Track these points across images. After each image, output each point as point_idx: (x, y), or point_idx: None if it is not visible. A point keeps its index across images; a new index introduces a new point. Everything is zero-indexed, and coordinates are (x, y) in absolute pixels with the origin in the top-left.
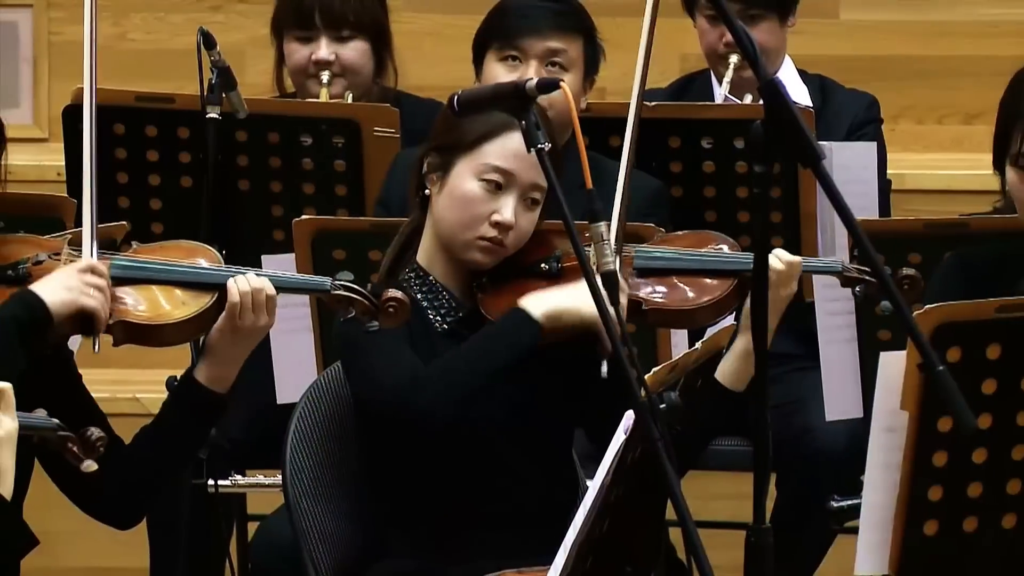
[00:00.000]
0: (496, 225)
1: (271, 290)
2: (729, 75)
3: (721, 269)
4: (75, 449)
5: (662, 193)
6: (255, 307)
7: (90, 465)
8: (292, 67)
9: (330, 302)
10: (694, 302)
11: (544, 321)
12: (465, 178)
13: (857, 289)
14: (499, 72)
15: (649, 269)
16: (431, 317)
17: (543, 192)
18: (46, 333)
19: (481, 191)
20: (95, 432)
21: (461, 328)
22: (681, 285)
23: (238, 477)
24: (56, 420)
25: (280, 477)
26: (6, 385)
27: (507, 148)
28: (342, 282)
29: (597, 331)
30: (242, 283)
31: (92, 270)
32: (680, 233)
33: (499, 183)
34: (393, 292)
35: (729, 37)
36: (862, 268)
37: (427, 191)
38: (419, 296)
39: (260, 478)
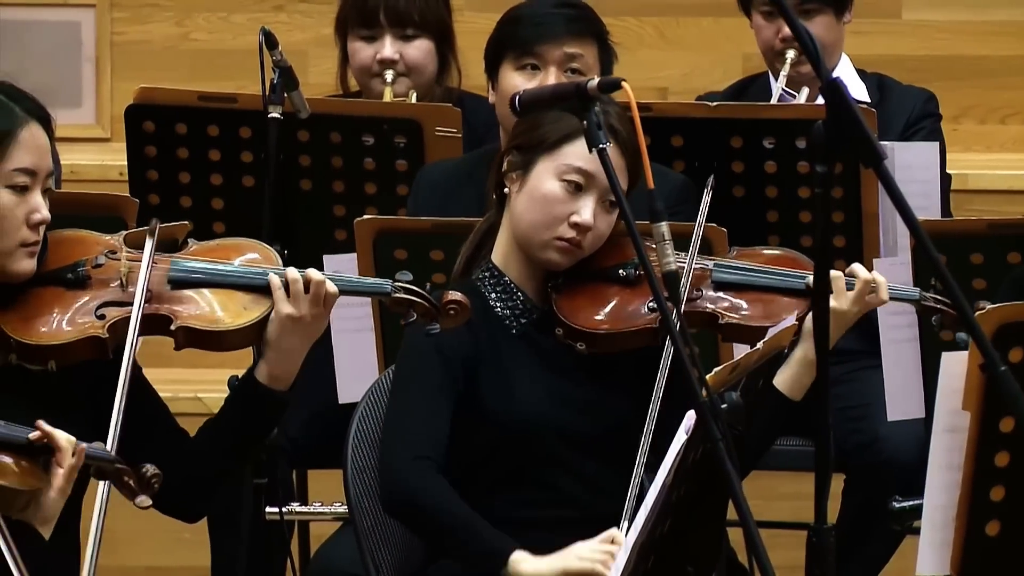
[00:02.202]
0: (575, 226)
1: (332, 288)
2: (786, 70)
3: (797, 288)
4: (131, 483)
5: (688, 187)
6: (314, 298)
7: (144, 501)
8: (356, 66)
9: (391, 305)
10: (770, 320)
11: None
12: (546, 178)
13: (934, 319)
14: (517, 81)
15: (726, 283)
16: (504, 318)
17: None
18: None
19: (561, 191)
20: (151, 469)
21: (534, 330)
22: (758, 302)
23: (295, 505)
24: (115, 454)
25: (335, 506)
26: (81, 445)
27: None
28: (402, 284)
29: None
30: (306, 272)
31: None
32: (760, 250)
33: (579, 184)
34: (453, 294)
35: (785, 32)
36: (939, 298)
37: (506, 189)
38: (493, 296)
39: (317, 506)
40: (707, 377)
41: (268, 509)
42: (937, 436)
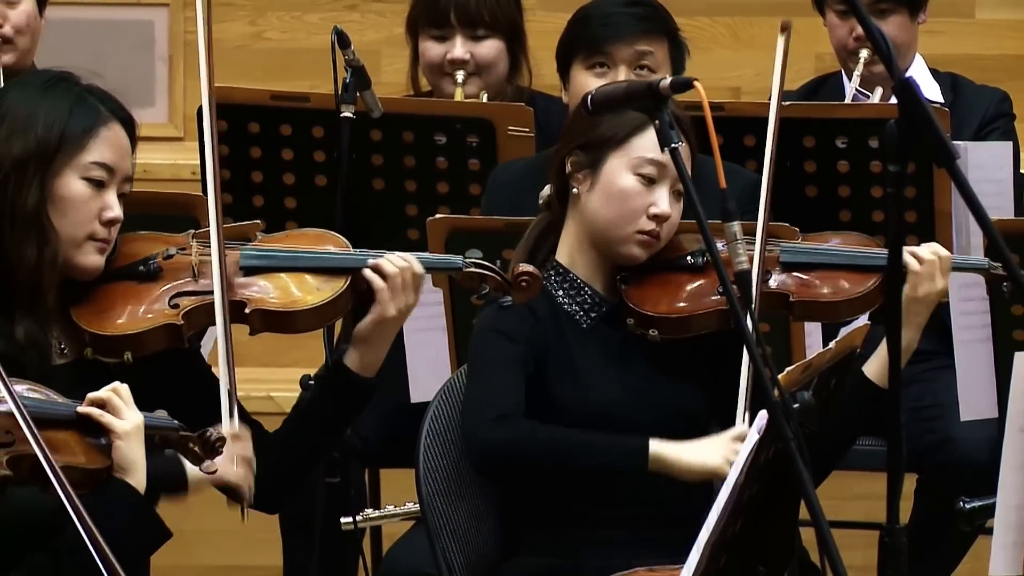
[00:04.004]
0: (654, 218)
1: (419, 268)
2: (859, 70)
3: (866, 265)
4: (196, 449)
5: (760, 187)
6: (404, 285)
7: (210, 466)
8: (427, 66)
9: (462, 279)
10: (840, 295)
11: (653, 466)
12: (619, 173)
13: (1004, 286)
14: (588, 81)
15: (795, 264)
16: (575, 314)
17: None
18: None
19: (637, 184)
20: (214, 433)
21: (603, 324)
22: (827, 279)
23: (368, 511)
24: (177, 421)
25: (408, 504)
26: (123, 385)
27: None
28: (473, 259)
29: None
30: (396, 260)
31: (237, 438)
32: (827, 234)
33: (653, 176)
34: (524, 266)
35: (859, 32)
36: None
37: (575, 190)
38: (560, 293)
39: (390, 509)
40: (779, 376)
41: (343, 520)
42: (1010, 436)
